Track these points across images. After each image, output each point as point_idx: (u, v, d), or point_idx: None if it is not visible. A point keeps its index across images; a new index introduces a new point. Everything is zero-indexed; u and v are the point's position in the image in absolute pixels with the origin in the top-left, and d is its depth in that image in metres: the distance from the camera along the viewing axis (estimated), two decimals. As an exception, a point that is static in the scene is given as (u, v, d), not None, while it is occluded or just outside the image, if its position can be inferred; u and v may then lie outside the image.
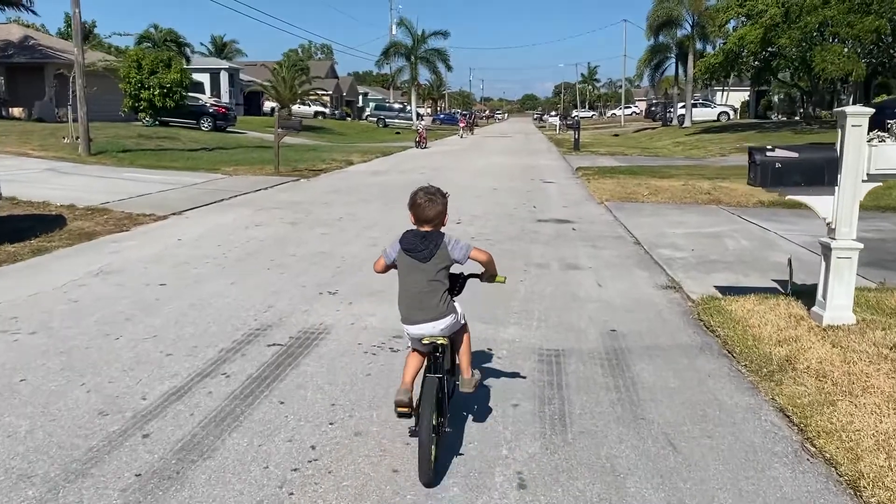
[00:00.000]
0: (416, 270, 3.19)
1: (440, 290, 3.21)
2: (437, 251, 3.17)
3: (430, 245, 3.17)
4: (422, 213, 3.21)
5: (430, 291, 3.18)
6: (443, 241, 3.19)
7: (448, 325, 3.23)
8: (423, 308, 3.19)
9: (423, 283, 3.18)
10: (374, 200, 12.42)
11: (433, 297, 3.18)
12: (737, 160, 23.38)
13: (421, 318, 3.19)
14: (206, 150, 24.49)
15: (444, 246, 3.18)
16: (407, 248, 3.20)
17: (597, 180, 15.83)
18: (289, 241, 8.32)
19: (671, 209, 11.41)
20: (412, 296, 3.21)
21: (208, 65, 54.84)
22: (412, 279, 3.20)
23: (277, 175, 16.80)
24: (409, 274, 3.21)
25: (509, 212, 11.20)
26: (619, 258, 7.72)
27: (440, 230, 3.26)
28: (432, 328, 3.19)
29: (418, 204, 3.22)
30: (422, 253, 3.17)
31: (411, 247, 3.19)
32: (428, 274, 3.17)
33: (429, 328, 3.19)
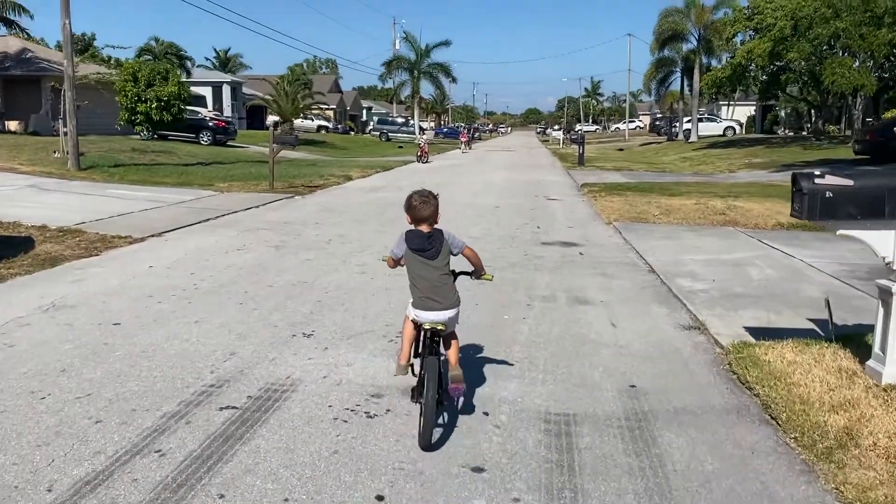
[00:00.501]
0: (427, 268, 3.64)
1: (451, 281, 3.72)
2: (441, 248, 3.66)
3: (435, 244, 3.65)
4: (418, 213, 3.66)
5: (444, 284, 3.66)
6: (444, 238, 3.70)
7: (454, 315, 3.74)
8: (438, 298, 3.64)
9: (436, 277, 3.64)
10: (368, 220, 11.69)
11: (447, 289, 3.67)
12: (746, 176, 22.66)
13: (436, 306, 3.64)
14: (203, 165, 23.90)
15: (445, 242, 3.69)
16: (416, 248, 3.64)
17: (603, 198, 15.10)
18: (269, 269, 7.58)
19: (685, 231, 10.64)
20: (427, 288, 3.64)
21: (210, 78, 54.50)
22: (425, 275, 3.64)
23: (271, 192, 16.11)
24: (422, 271, 3.65)
25: (511, 233, 10.46)
26: (633, 290, 6.95)
27: (438, 228, 3.72)
28: (442, 316, 3.65)
29: (414, 206, 3.67)
30: (430, 252, 3.64)
31: (420, 247, 3.64)
32: (439, 269, 3.65)
33: (441, 315, 3.64)
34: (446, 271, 3.69)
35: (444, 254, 3.67)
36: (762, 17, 28.99)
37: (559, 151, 43.95)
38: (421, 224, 3.67)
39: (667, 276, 7.49)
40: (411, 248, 3.64)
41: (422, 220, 3.67)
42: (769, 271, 7.78)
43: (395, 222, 11.27)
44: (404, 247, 3.68)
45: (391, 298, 6.29)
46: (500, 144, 62.93)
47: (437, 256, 3.64)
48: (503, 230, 10.59)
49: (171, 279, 7.03)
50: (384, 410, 3.91)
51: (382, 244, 9.17)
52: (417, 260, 3.64)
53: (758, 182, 19.68)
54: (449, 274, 3.71)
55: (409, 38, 52.33)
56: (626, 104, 70.43)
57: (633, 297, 6.65)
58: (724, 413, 4.03)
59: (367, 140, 56.34)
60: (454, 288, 3.72)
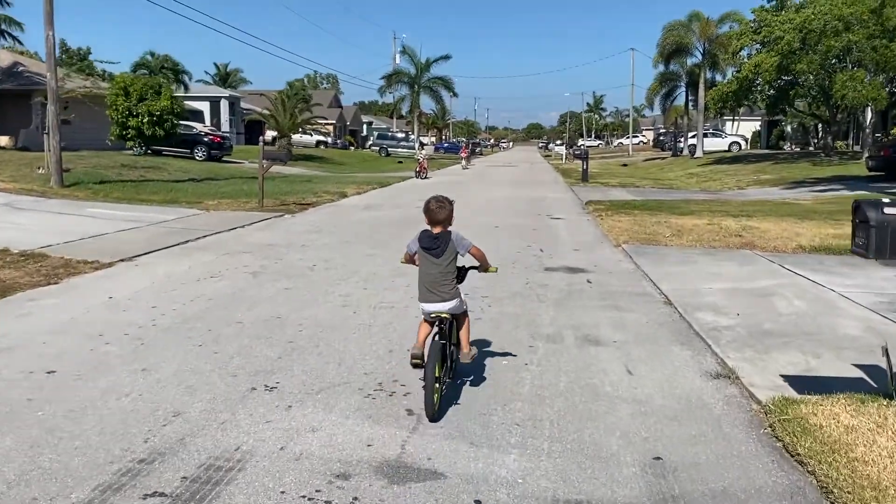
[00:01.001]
0: (432, 264, 4.12)
1: (450, 279, 4.15)
2: (447, 247, 4.11)
3: (441, 244, 4.10)
4: (434, 216, 4.13)
5: (443, 281, 4.12)
6: (451, 239, 4.12)
7: (453, 305, 4.16)
8: (435, 292, 4.12)
9: (437, 274, 4.11)
10: (359, 242, 10.93)
11: (445, 285, 4.13)
12: (756, 193, 21.88)
13: (434, 299, 4.12)
14: (194, 181, 23.25)
15: (451, 242, 4.12)
16: (425, 246, 4.13)
17: (610, 217, 14.33)
18: (242, 300, 6.80)
19: (700, 255, 9.86)
20: (429, 283, 4.13)
21: (208, 93, 54.08)
22: (429, 271, 4.13)
23: (260, 210, 15.38)
24: (427, 267, 4.14)
25: (512, 257, 9.69)
26: (649, 326, 6.16)
27: (448, 230, 4.15)
28: (442, 307, 4.12)
29: (431, 209, 4.14)
30: (436, 251, 4.10)
31: (428, 245, 4.13)
32: (441, 266, 4.11)
33: (439, 307, 4.12)
34: (449, 270, 4.16)
35: (449, 253, 4.13)
36: (769, 31, 28.38)
37: (562, 167, 43.28)
38: (436, 226, 4.15)
39: (686, 310, 6.69)
40: (421, 246, 4.17)
41: (437, 222, 4.15)
42: (798, 303, 6.99)
43: (387, 244, 10.52)
44: (417, 245, 4.19)
45: (373, 339, 5.52)
46: (502, 159, 62.32)
47: (442, 255, 4.13)
48: (503, 253, 9.82)
49: (130, 313, 6.26)
50: (350, 500, 3.11)
51: (370, 270, 8.41)
52: (425, 257, 4.17)
53: (770, 200, 18.91)
54: (451, 272, 4.17)
55: (408, 51, 51.91)
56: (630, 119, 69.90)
57: (651, 336, 5.86)
58: (776, 500, 3.23)
59: (367, 155, 55.78)
60: (454, 284, 4.20)
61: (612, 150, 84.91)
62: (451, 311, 4.17)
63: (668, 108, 50.40)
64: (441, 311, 4.13)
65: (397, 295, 7.09)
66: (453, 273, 4.19)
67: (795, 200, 18.44)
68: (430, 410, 3.92)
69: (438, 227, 4.13)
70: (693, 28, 39.58)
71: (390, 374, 4.70)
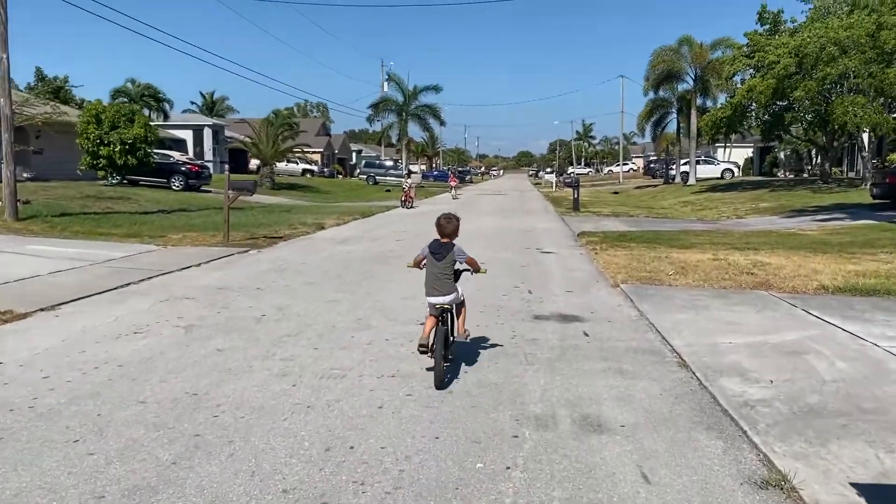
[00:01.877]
0: (434, 266, 5.27)
1: (449, 278, 5.28)
2: (448, 255, 5.27)
3: (445, 252, 5.28)
4: (443, 230, 5.37)
5: (443, 279, 5.25)
6: (453, 250, 5.30)
7: (452, 298, 5.28)
8: (438, 288, 5.23)
9: (438, 272, 5.25)
10: (324, 283, 9.66)
11: (445, 283, 5.25)
12: (757, 223, 20.78)
13: (437, 293, 5.23)
14: (164, 213, 22.04)
15: (452, 253, 5.28)
16: (432, 251, 5.30)
17: (605, 251, 13.15)
18: (158, 367, 5.50)
19: (711, 298, 8.64)
20: (432, 280, 5.26)
21: (191, 121, 53.15)
22: (433, 270, 5.28)
23: (225, 245, 14.12)
24: (432, 268, 5.28)
25: (496, 301, 8.45)
26: (664, 401, 4.90)
27: (452, 242, 5.34)
28: (443, 300, 5.22)
29: (441, 224, 5.38)
30: (439, 255, 5.27)
31: (435, 251, 5.29)
32: (441, 269, 5.25)
33: (441, 300, 5.22)
34: (447, 272, 5.24)
35: (449, 259, 5.25)
36: (763, 55, 27.67)
37: (552, 195, 42.32)
38: (444, 237, 5.32)
39: (706, 375, 5.44)
40: (430, 251, 5.28)
41: (445, 234, 5.32)
42: (841, 364, 5.75)
43: (355, 287, 9.27)
44: (427, 250, 5.30)
45: (309, 429, 4.22)
46: (492, 187, 61.46)
47: (443, 260, 5.23)
48: (487, 297, 8.57)
49: (10, 388, 4.95)
50: None
51: (328, 322, 7.13)
52: (430, 259, 5.27)
53: (773, 230, 17.81)
54: (449, 273, 5.26)
55: (395, 79, 51.13)
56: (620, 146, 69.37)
57: (667, 416, 4.59)
58: None
59: (354, 184, 54.74)
60: (452, 282, 5.28)
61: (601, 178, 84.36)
62: (451, 303, 5.29)
63: (659, 135, 49.71)
64: (443, 304, 5.21)
65: (353, 357, 5.81)
66: (450, 274, 5.29)
67: (801, 231, 17.34)
68: (439, 382, 4.96)
69: (446, 238, 5.33)
70: (684, 53, 38.96)
71: (320, 493, 3.41)
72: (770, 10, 29.29)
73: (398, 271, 10.87)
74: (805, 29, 26.95)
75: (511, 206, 31.77)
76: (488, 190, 54.44)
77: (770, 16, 29.47)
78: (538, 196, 42.92)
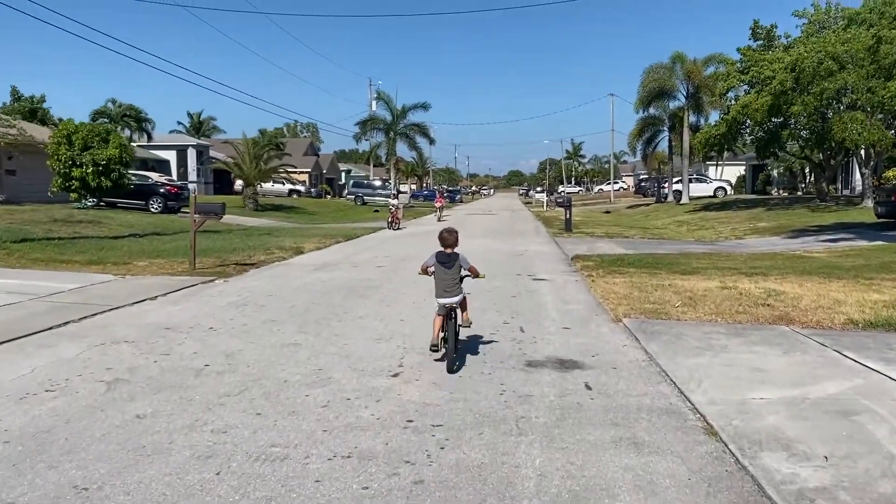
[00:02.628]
0: (445, 273, 6.26)
1: (458, 282, 6.29)
2: (455, 263, 6.29)
3: (452, 261, 6.29)
4: (445, 242, 6.36)
5: (453, 284, 6.25)
6: (459, 258, 6.32)
7: (459, 299, 6.32)
8: (448, 291, 6.23)
9: (449, 279, 6.24)
10: (288, 320, 8.53)
11: (454, 286, 6.25)
12: (759, 244, 19.84)
13: (448, 296, 6.23)
14: (136, 237, 20.90)
15: (458, 261, 6.30)
16: (441, 261, 6.29)
17: (602, 277, 12.11)
18: (52, 445, 4.35)
19: (727, 336, 7.58)
20: (444, 285, 6.24)
21: (174, 142, 52.11)
22: (444, 276, 6.25)
23: (190, 273, 12.99)
24: (442, 275, 6.26)
25: (484, 341, 7.35)
26: (696, 493, 3.79)
27: (456, 251, 6.35)
28: (453, 300, 6.24)
29: (444, 237, 6.39)
30: (448, 264, 6.28)
31: (443, 261, 6.29)
32: (451, 275, 6.26)
33: (450, 300, 6.23)
34: (456, 277, 6.31)
35: (457, 267, 6.32)
36: (758, 71, 26.96)
37: (543, 214, 41.41)
38: (448, 248, 6.36)
39: (742, 448, 4.36)
40: (438, 261, 6.32)
41: (448, 245, 6.36)
42: (904, 429, 4.68)
43: (323, 326, 8.15)
44: (434, 260, 6.34)
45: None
46: (482, 207, 60.56)
47: (452, 268, 6.29)
48: (474, 335, 7.47)
49: None
50: None
51: (280, 376, 5.99)
52: (440, 268, 6.30)
53: (778, 252, 16.84)
54: (458, 279, 6.33)
55: (384, 97, 50.27)
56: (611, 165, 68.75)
57: (703, 517, 3.50)
58: None
59: (342, 204, 53.70)
60: (460, 286, 6.34)
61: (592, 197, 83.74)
62: (458, 303, 6.32)
63: (650, 153, 49.02)
64: (452, 304, 6.24)
65: (302, 428, 4.67)
66: (458, 279, 6.32)
67: (807, 253, 16.38)
68: (450, 368, 6.06)
69: (450, 249, 6.34)
70: (676, 70, 38.31)
71: None
72: (763, 26, 28.66)
73: (375, 304, 9.79)
74: (800, 44, 26.28)
75: (501, 226, 30.76)
76: (478, 209, 53.52)
77: (763, 31, 28.84)
78: (529, 216, 41.98)
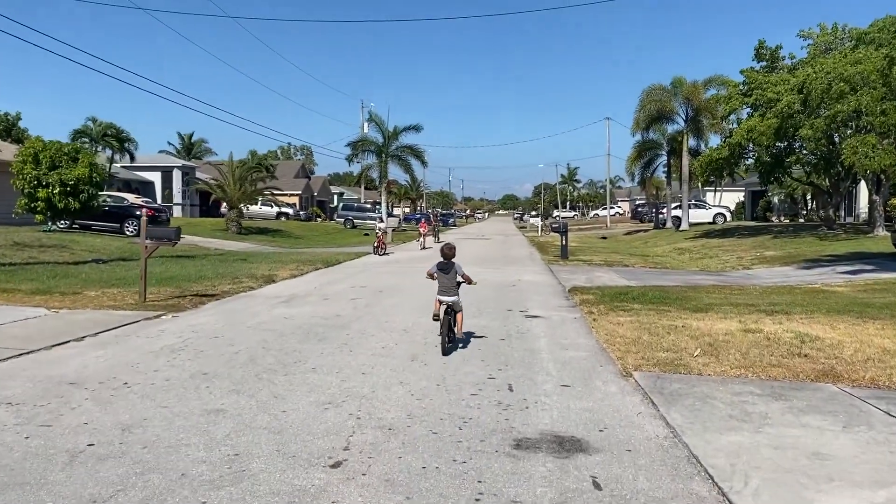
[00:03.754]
0: (444, 278, 8.03)
1: (454, 286, 8.04)
2: (451, 270, 8.09)
3: (449, 269, 8.09)
4: (444, 255, 8.22)
5: (450, 286, 7.99)
6: (454, 266, 8.13)
7: (455, 299, 8.02)
8: (446, 292, 7.96)
9: (447, 282, 8.00)
10: (224, 374, 6.97)
11: (451, 289, 7.98)
12: (771, 275, 18.28)
13: (446, 295, 7.95)
14: (99, 263, 19.40)
15: (455, 269, 8.11)
16: (440, 269, 8.08)
17: (605, 315, 10.65)
18: None
19: (765, 398, 6.08)
20: (443, 288, 7.98)
21: (159, 162, 50.79)
22: (443, 280, 8.02)
23: (136, 308, 11.47)
24: (442, 279, 8.03)
25: (461, 405, 5.83)
26: None
27: (452, 261, 8.20)
28: (450, 299, 7.94)
29: (443, 251, 8.31)
30: (446, 271, 8.06)
31: (442, 269, 8.07)
32: (448, 279, 8.01)
33: (448, 299, 7.93)
34: (453, 282, 8.08)
35: (453, 273, 8.11)
36: (762, 93, 25.78)
37: (537, 240, 40.03)
38: (446, 259, 8.20)
39: None
40: (438, 268, 8.13)
41: (446, 257, 8.21)
42: None
43: (267, 380, 6.61)
44: (435, 268, 8.18)
45: None
46: (475, 231, 59.24)
47: (449, 273, 8.09)
48: (443, 404, 5.94)
49: None
50: None
51: (181, 465, 4.41)
52: (440, 273, 8.10)
53: (794, 286, 15.38)
54: (455, 283, 8.10)
55: (375, 119, 49.11)
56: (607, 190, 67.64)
57: None
58: None
59: (331, 227, 52.27)
60: (456, 289, 8.09)
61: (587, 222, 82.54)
62: (454, 302, 8.06)
63: (648, 178, 47.84)
64: (449, 301, 7.98)
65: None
66: (455, 283, 8.13)
67: (827, 287, 14.94)
68: (444, 350, 7.82)
69: (448, 259, 8.21)
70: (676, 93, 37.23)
71: None
72: (768, 46, 27.57)
73: (334, 350, 8.21)
74: (807, 65, 25.14)
75: (494, 253, 29.30)
76: (471, 234, 52.16)
77: (768, 52, 27.75)
78: (523, 241, 40.59)
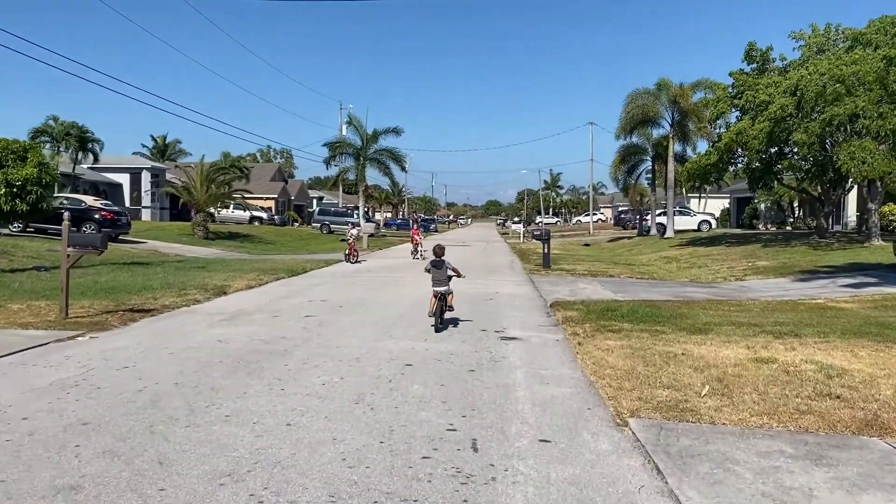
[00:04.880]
0: (437, 272, 9.99)
1: (446, 278, 9.99)
2: (443, 266, 10.02)
3: (442, 265, 10.02)
4: (437, 254, 10.17)
5: (442, 279, 9.94)
6: (445, 262, 10.08)
7: (447, 289, 9.96)
8: (440, 282, 9.93)
9: (440, 276, 9.95)
10: (109, 424, 5.43)
11: (444, 281, 9.94)
12: (766, 287, 16.95)
13: (439, 286, 9.88)
14: (40, 271, 17.83)
15: (445, 265, 10.05)
16: (434, 265, 10.05)
17: (592, 337, 9.26)
18: None
19: (803, 464, 4.71)
20: (437, 281, 9.93)
21: (127, 164, 48.86)
22: (436, 274, 9.98)
23: (53, 326, 9.92)
24: (435, 274, 10.00)
25: (405, 474, 4.40)
26: None
27: (443, 258, 10.11)
28: (442, 289, 9.88)
29: (435, 251, 10.27)
30: (438, 265, 10.02)
31: (436, 265, 10.03)
32: (441, 273, 9.97)
33: (441, 289, 9.88)
34: (445, 275, 9.93)
35: (444, 268, 9.94)
36: (752, 95, 24.67)
37: (519, 247, 38.74)
38: (437, 256, 10.02)
39: None
40: (432, 265, 10.01)
41: (437, 255, 10.03)
42: None
43: (159, 434, 4.97)
44: (430, 264, 10.07)
45: None
46: (456, 237, 57.84)
47: (441, 268, 9.94)
48: (383, 474, 4.51)
49: None
50: None
51: None
52: (434, 269, 9.98)
53: (796, 301, 14.12)
54: (446, 276, 9.93)
55: (354, 121, 47.62)
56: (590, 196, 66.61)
57: None
58: None
59: (306, 233, 50.61)
60: (447, 280, 9.94)
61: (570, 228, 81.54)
62: (446, 292, 9.90)
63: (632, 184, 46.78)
64: (442, 291, 9.82)
65: None
66: (447, 276, 9.97)
67: (831, 302, 13.71)
68: (436, 329, 9.70)
69: (439, 256, 10.02)
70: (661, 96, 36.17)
71: None
72: (759, 48, 26.52)
73: (263, 389, 6.56)
74: (800, 66, 24.06)
75: (473, 261, 27.86)
76: (452, 240, 50.74)
77: (759, 53, 26.70)
78: (505, 248, 39.28)
